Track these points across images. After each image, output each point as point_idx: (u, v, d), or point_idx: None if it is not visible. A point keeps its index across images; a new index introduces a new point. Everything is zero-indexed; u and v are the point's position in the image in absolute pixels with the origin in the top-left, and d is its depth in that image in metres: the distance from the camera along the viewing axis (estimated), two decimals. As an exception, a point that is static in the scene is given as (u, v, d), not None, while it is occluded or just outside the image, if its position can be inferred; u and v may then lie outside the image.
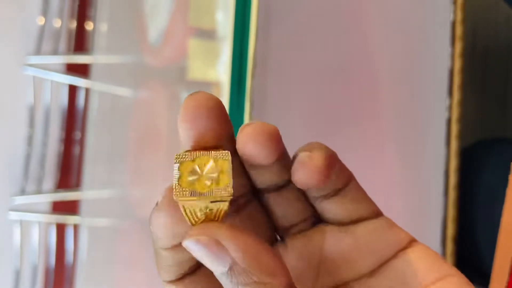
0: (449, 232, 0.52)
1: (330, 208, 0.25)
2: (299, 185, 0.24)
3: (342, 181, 0.25)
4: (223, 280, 0.22)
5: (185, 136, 0.23)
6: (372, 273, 0.25)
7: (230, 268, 0.21)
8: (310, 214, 0.26)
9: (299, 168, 0.24)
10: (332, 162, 0.24)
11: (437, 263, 0.25)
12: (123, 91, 0.79)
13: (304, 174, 0.23)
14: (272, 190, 0.25)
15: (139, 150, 0.74)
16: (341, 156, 0.25)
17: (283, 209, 0.25)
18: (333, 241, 0.25)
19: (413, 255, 0.25)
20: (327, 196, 0.25)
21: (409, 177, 0.56)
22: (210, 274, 0.24)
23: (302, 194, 0.25)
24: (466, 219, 0.54)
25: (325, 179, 0.24)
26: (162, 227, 0.23)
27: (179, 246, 0.23)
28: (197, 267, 0.24)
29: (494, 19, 0.66)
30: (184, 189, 0.22)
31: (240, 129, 0.24)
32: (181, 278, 0.24)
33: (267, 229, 0.26)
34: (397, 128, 0.56)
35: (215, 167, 0.22)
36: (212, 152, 0.23)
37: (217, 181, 0.22)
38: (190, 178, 0.22)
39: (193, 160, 0.22)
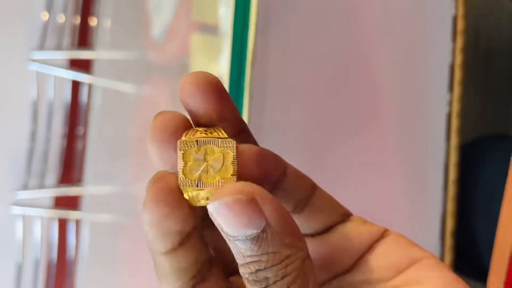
0: (448, 226, 0.52)
1: (302, 222, 0.25)
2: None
3: (303, 189, 0.25)
4: (245, 245, 0.20)
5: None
6: (348, 270, 0.26)
7: (263, 230, 0.20)
8: None
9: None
10: (269, 159, 0.24)
11: (409, 249, 0.25)
12: (126, 87, 0.79)
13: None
14: None
15: (142, 146, 0.73)
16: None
17: None
18: (309, 250, 0.25)
19: (385, 245, 0.25)
20: (296, 210, 0.25)
21: (409, 172, 0.56)
22: (219, 282, 0.23)
23: None
24: (465, 214, 0.54)
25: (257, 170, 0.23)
26: (151, 226, 0.22)
27: (175, 250, 0.22)
28: (203, 276, 0.23)
29: (496, 14, 0.66)
30: (190, 180, 0.22)
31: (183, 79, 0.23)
32: None
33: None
34: (397, 123, 0.56)
35: (220, 157, 0.22)
36: (218, 140, 0.22)
37: (222, 172, 0.22)
38: (195, 168, 0.22)
39: (198, 149, 0.22)
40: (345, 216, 0.26)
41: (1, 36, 0.82)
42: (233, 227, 0.20)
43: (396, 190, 0.55)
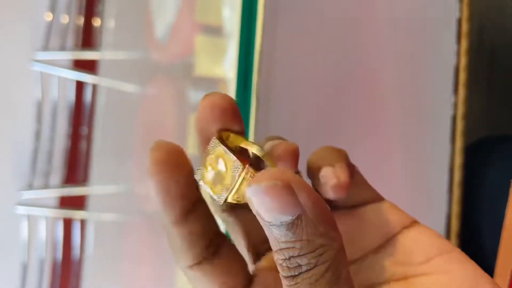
0: (453, 228, 0.52)
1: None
2: (326, 198, 0.25)
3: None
4: (279, 231, 0.21)
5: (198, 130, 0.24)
6: (377, 249, 0.26)
7: (298, 217, 0.21)
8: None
9: (327, 190, 0.24)
10: (351, 171, 0.25)
11: (439, 241, 0.26)
12: (130, 87, 0.79)
13: (332, 193, 0.24)
14: None
15: (146, 145, 0.70)
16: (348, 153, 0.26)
17: None
18: (340, 223, 0.25)
19: (416, 232, 0.26)
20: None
21: (414, 174, 0.56)
22: (230, 255, 0.24)
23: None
24: (470, 216, 0.54)
25: (348, 190, 0.25)
26: (157, 192, 0.23)
27: (188, 219, 0.23)
28: (217, 248, 0.24)
29: (501, 16, 0.66)
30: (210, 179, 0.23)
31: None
32: (198, 262, 0.24)
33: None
34: (402, 125, 0.56)
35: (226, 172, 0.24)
36: (233, 158, 0.23)
37: (225, 187, 0.23)
38: (211, 171, 0.24)
39: (216, 157, 0.24)
40: (378, 198, 0.27)
41: (5, 36, 0.82)
42: (269, 212, 0.21)
43: (401, 192, 0.55)
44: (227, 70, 0.59)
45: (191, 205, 0.23)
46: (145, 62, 0.76)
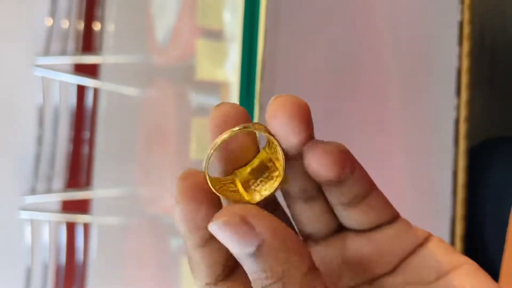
0: (458, 230, 0.52)
1: (353, 217, 0.26)
2: (311, 170, 0.24)
3: (363, 187, 0.25)
4: (247, 262, 0.22)
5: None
6: (391, 271, 0.26)
7: (258, 248, 0.21)
8: (335, 224, 0.26)
9: (312, 150, 0.24)
10: (347, 157, 0.24)
11: (451, 254, 0.25)
12: (131, 91, 0.80)
13: (317, 158, 0.24)
14: (300, 201, 0.26)
15: (148, 148, 0.74)
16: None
17: (309, 219, 0.26)
18: (354, 247, 0.26)
19: (428, 249, 0.26)
20: (350, 204, 0.25)
21: (418, 177, 0.56)
22: (247, 276, 0.24)
23: (329, 206, 0.26)
24: (474, 218, 0.54)
25: (340, 170, 0.24)
26: (182, 221, 0.23)
27: (208, 243, 0.23)
28: (232, 269, 0.24)
29: (502, 19, 0.66)
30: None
31: (271, 100, 0.24)
32: (216, 281, 0.24)
33: None
34: (405, 128, 0.56)
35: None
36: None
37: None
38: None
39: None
40: (394, 217, 0.26)
41: (6, 42, 0.83)
42: (231, 246, 0.22)
43: (404, 195, 0.55)
44: (229, 74, 0.59)
45: (228, 271, 0.24)
46: (146, 65, 0.76)
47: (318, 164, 0.24)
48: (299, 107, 0.24)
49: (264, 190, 0.24)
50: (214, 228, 0.22)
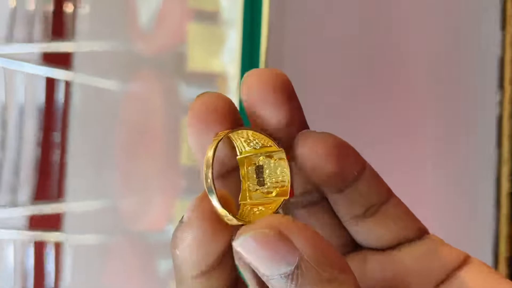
0: (502, 252, 0.52)
1: (369, 231, 0.26)
2: (303, 163, 0.24)
3: (377, 194, 0.25)
4: (282, 284, 0.21)
5: (194, 144, 0.24)
6: None
7: (297, 267, 0.21)
8: (346, 239, 0.26)
9: (305, 137, 0.24)
10: (349, 151, 0.24)
11: (494, 280, 0.25)
12: (111, 84, 0.80)
13: (310, 146, 0.24)
14: (299, 206, 0.26)
15: (131, 153, 0.75)
16: (371, 159, 0.26)
17: None
18: (375, 269, 0.26)
19: (467, 274, 0.25)
20: (363, 216, 0.25)
21: (453, 186, 0.56)
22: None
23: (335, 216, 0.26)
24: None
25: (339, 163, 0.24)
26: (194, 248, 0.23)
27: (212, 271, 0.23)
28: None
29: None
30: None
31: (244, 77, 0.24)
32: None
33: None
34: (439, 128, 0.56)
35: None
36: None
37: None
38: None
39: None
40: (421, 232, 0.26)
41: (-38, 28, 0.83)
42: (264, 265, 0.21)
43: (438, 209, 0.55)
44: (226, 64, 0.59)
45: (221, 257, 0.24)
46: (127, 54, 0.76)
47: (311, 154, 0.24)
48: (277, 79, 0.24)
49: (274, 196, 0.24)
50: (242, 243, 0.21)
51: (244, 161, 0.24)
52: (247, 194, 0.24)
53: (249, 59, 0.55)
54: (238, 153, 0.24)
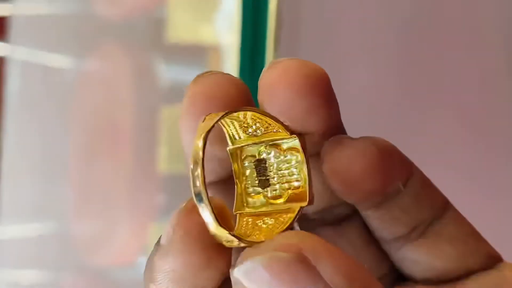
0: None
1: (417, 257, 0.26)
2: (334, 183, 0.24)
3: (428, 207, 0.26)
4: None
5: (189, 143, 0.24)
6: None
7: None
8: (387, 267, 0.26)
9: (336, 148, 0.24)
10: (396, 157, 0.25)
11: None
12: (61, 61, 0.82)
13: (345, 160, 0.24)
14: (323, 223, 0.26)
15: (89, 157, 0.76)
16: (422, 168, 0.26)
17: None
18: None
19: None
20: (410, 237, 0.25)
21: (492, 199, 0.57)
22: None
23: (370, 235, 0.26)
24: None
25: (384, 179, 0.24)
26: (177, 282, 0.23)
27: None
28: None
29: None
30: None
31: (263, 71, 0.24)
32: None
33: None
34: (475, 125, 0.57)
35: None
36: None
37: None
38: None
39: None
40: (492, 259, 0.26)
41: None
42: None
43: (485, 216, 0.51)
44: (221, 32, 0.63)
45: None
46: (84, 20, 0.78)
47: (348, 169, 0.24)
48: (311, 75, 0.23)
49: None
50: (251, 274, 0.21)
51: (237, 153, 0.24)
52: (244, 200, 0.24)
53: (252, 26, 0.57)
54: (229, 143, 0.24)
